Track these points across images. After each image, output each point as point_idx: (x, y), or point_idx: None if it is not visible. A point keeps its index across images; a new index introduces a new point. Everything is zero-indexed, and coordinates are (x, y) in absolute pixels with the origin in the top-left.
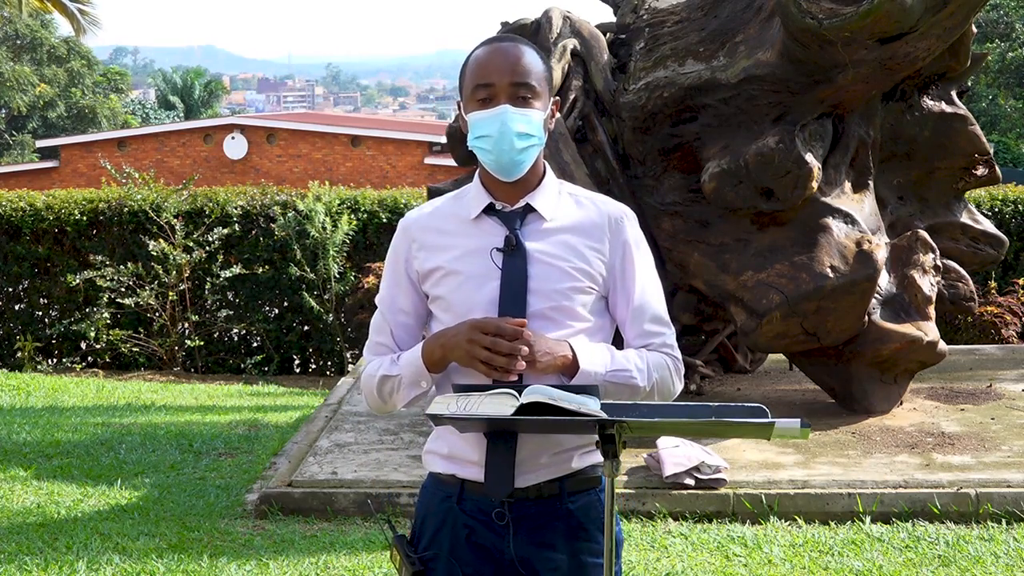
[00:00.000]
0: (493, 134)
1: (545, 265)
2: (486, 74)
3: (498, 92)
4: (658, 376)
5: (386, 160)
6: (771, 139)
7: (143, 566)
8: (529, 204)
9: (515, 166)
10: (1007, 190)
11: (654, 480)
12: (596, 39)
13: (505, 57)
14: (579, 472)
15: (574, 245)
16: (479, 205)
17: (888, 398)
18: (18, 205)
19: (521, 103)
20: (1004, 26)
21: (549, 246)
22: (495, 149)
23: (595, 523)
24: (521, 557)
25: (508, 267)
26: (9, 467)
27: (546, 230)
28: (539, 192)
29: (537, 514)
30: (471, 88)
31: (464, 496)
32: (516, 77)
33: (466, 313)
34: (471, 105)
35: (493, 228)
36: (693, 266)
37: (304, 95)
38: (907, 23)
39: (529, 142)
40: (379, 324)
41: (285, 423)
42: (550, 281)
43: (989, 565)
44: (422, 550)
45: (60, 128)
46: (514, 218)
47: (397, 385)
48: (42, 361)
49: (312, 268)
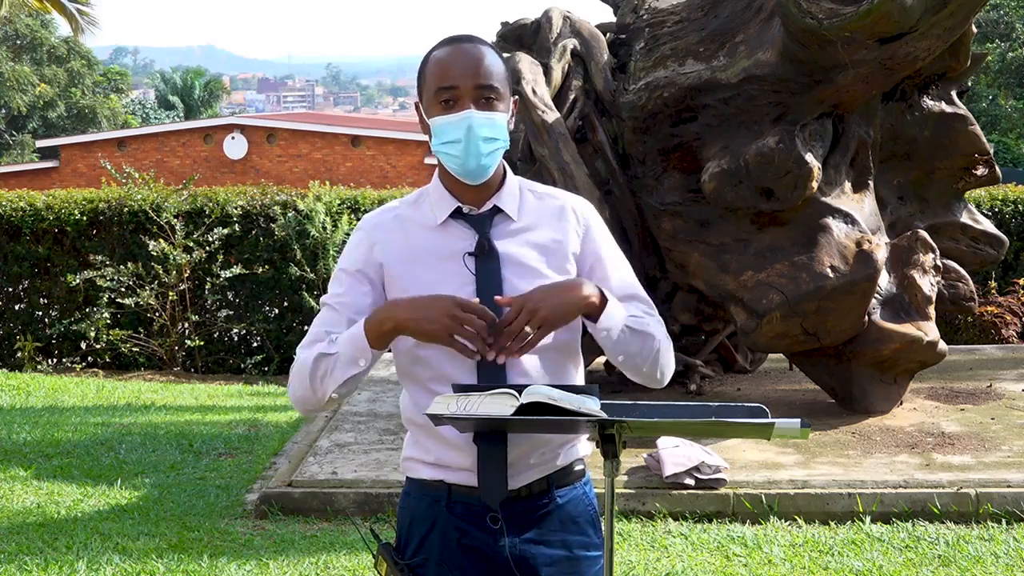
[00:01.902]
0: (459, 139)
1: (518, 266)
2: (449, 76)
3: (462, 95)
4: (664, 333)
5: (386, 160)
6: (771, 139)
7: (143, 566)
8: (496, 206)
9: (482, 170)
10: (1007, 190)
11: (654, 480)
12: (596, 39)
13: (468, 58)
14: (565, 467)
15: (543, 243)
16: (445, 210)
17: (888, 398)
18: (18, 205)
19: (485, 106)
20: (1004, 26)
21: (520, 247)
22: (462, 154)
23: (583, 516)
24: (515, 556)
25: (482, 272)
26: (9, 467)
27: (515, 230)
28: (504, 192)
29: (527, 511)
30: (433, 90)
31: (453, 499)
32: (480, 79)
33: None
34: (434, 108)
35: (462, 232)
36: (693, 266)
37: (304, 95)
38: (907, 23)
39: (495, 146)
40: (331, 318)
41: (285, 423)
42: (525, 281)
43: (989, 565)
44: (410, 556)
45: (60, 128)
46: (483, 221)
47: (332, 365)
48: (42, 361)
49: (312, 268)
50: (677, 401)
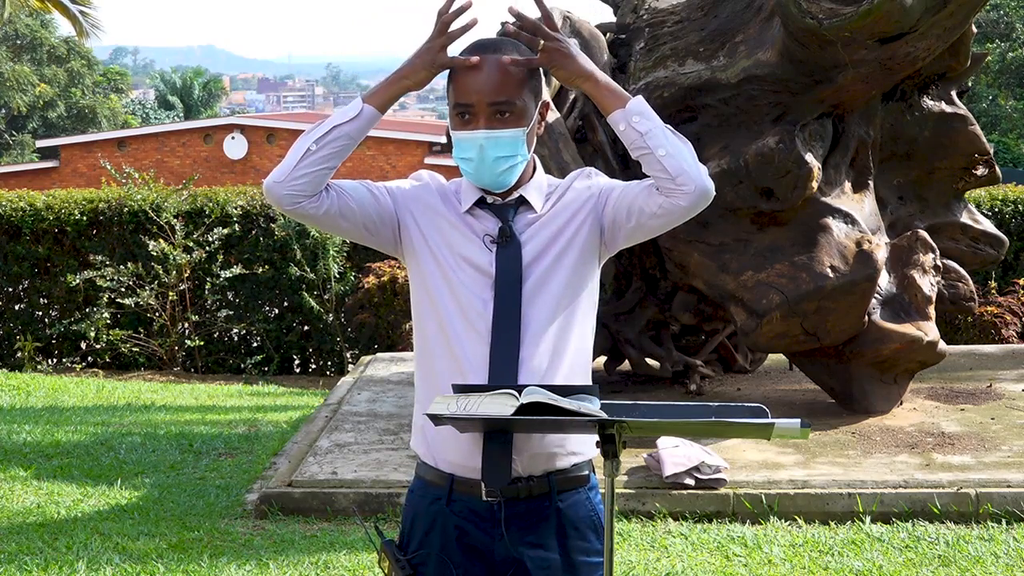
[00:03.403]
0: (473, 157)
1: (538, 255)
2: (465, 92)
3: (477, 112)
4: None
5: (386, 160)
6: (771, 139)
7: (143, 566)
8: (522, 196)
9: (498, 185)
10: (1007, 190)
11: (654, 480)
12: (596, 39)
13: (485, 73)
14: (567, 470)
15: (566, 233)
16: (470, 199)
17: (888, 398)
18: (18, 205)
19: (500, 123)
20: (1004, 26)
21: (541, 236)
22: (475, 171)
23: (585, 521)
24: (512, 557)
25: (502, 259)
26: (9, 467)
27: (537, 222)
28: (531, 185)
29: (527, 513)
30: (452, 103)
31: (453, 497)
32: (495, 96)
33: (460, 300)
34: (454, 120)
35: (485, 219)
36: (693, 266)
37: (304, 95)
38: (907, 23)
39: (510, 163)
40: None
41: (285, 423)
42: (543, 269)
43: (989, 565)
44: (412, 552)
45: (60, 128)
46: (507, 211)
47: (322, 122)
48: (42, 361)
49: (312, 268)
50: (677, 401)
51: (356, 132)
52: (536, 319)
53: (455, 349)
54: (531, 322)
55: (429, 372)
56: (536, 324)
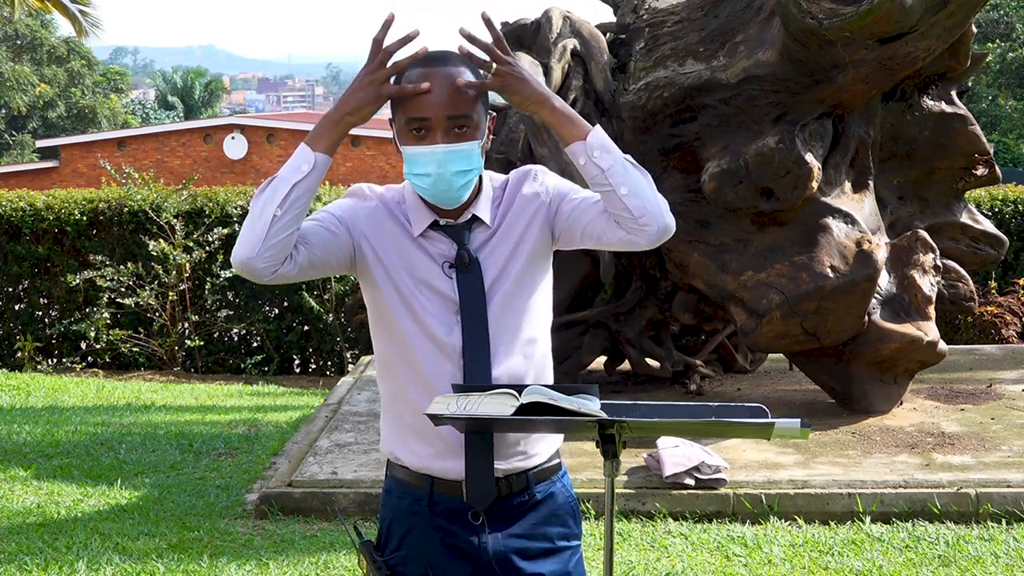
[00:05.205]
0: (431, 172)
1: (500, 273)
2: (420, 107)
3: (434, 127)
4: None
5: (386, 160)
6: (771, 139)
7: (143, 566)
8: (475, 215)
9: (454, 200)
10: (1007, 190)
11: (654, 480)
12: (596, 39)
13: (440, 87)
14: (542, 464)
15: (519, 245)
16: (423, 222)
17: (888, 398)
18: (18, 205)
19: (457, 137)
20: (1004, 26)
21: (499, 256)
22: (432, 187)
23: (563, 508)
24: (498, 552)
25: (463, 284)
26: (9, 467)
27: (493, 238)
28: (480, 201)
29: (508, 508)
30: (404, 119)
31: (435, 499)
32: (452, 110)
33: (424, 324)
34: (406, 136)
35: (441, 242)
36: (693, 266)
37: (304, 95)
38: (907, 23)
39: (468, 177)
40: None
41: (285, 423)
42: (507, 286)
43: (989, 565)
44: (390, 554)
45: (60, 128)
46: (462, 233)
47: (276, 183)
48: (42, 361)
49: None
50: (677, 401)
51: (315, 184)
52: (505, 338)
53: (423, 369)
54: (501, 342)
55: (399, 389)
56: (506, 342)
